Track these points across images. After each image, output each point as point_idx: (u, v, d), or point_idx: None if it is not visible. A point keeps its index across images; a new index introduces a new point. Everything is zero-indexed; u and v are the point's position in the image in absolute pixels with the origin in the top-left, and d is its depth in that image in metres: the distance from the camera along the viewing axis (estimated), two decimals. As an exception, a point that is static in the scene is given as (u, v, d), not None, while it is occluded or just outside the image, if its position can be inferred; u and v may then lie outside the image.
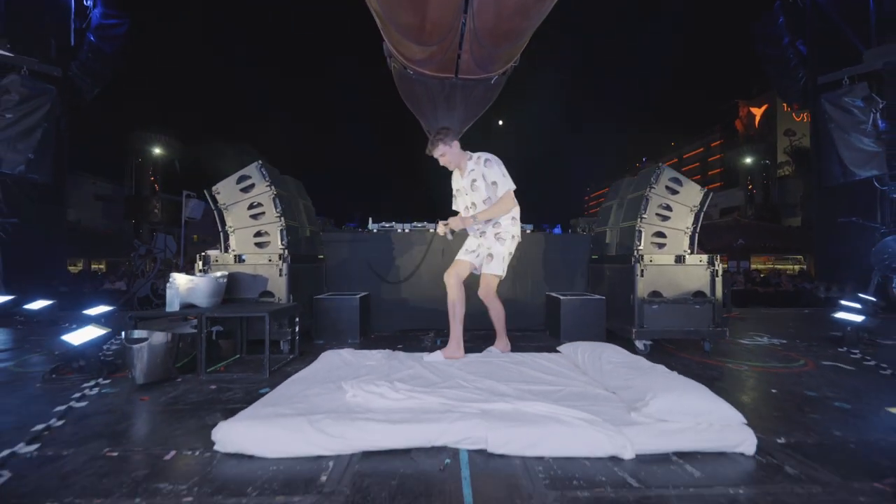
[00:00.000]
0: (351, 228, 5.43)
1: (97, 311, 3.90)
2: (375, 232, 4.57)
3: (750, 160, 26.12)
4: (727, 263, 16.97)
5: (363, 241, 4.47)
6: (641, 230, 3.35)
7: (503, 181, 2.80)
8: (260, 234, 3.42)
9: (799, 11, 8.72)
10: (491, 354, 2.88)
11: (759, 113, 29.84)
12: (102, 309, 4.00)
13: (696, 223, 3.42)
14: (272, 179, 3.41)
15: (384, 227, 4.63)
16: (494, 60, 5.63)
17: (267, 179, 3.38)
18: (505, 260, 2.89)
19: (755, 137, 28.27)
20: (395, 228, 4.57)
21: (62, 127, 7.44)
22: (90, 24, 8.27)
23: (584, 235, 4.69)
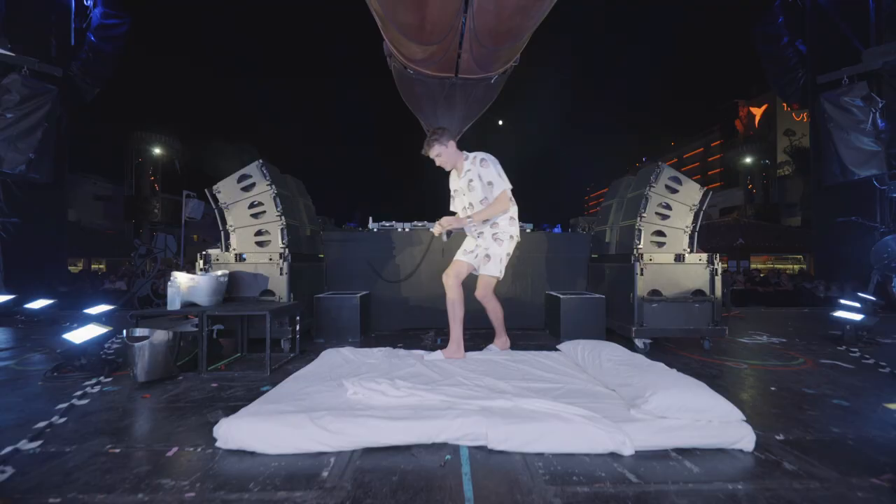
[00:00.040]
0: (351, 228, 5.44)
1: (98, 310, 3.91)
2: (376, 231, 4.57)
3: (750, 160, 26.10)
4: (727, 263, 16.99)
5: (363, 240, 4.48)
6: (641, 229, 3.36)
7: (499, 181, 2.76)
8: (260, 233, 3.43)
9: (798, 11, 8.74)
10: (491, 352, 2.89)
11: (758, 113, 29.84)
12: (103, 308, 4.01)
13: (695, 222, 3.42)
14: (273, 178, 3.42)
15: (384, 226, 4.63)
16: (494, 60, 5.64)
17: (267, 178, 3.39)
18: (502, 261, 2.86)
19: (755, 137, 28.25)
20: (395, 228, 4.58)
21: (63, 127, 7.45)
22: (90, 23, 8.30)
23: (583, 234, 4.70)
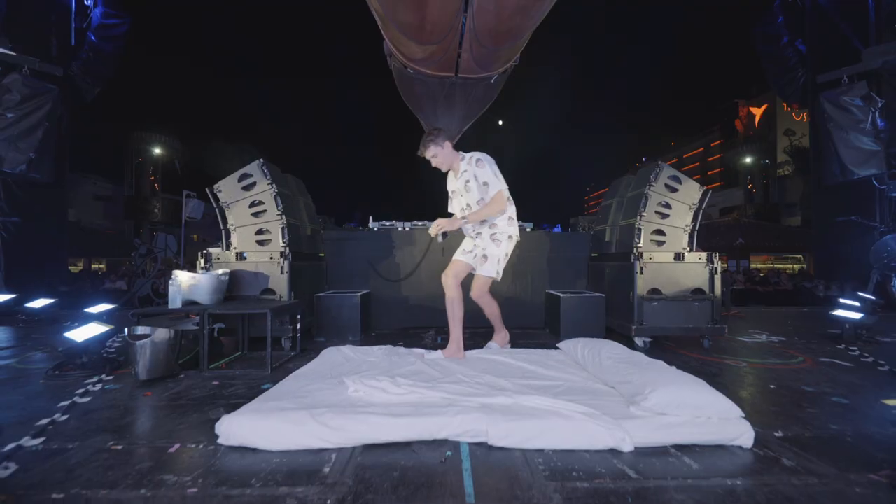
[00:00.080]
0: (351, 228, 5.45)
1: (99, 309, 3.93)
2: (376, 230, 4.57)
3: (750, 160, 26.12)
4: (727, 263, 17.00)
5: (364, 239, 4.49)
6: (641, 228, 3.37)
7: (494, 181, 2.73)
8: (261, 231, 3.44)
9: (798, 11, 8.75)
10: (491, 350, 2.90)
11: (758, 113, 29.85)
12: (104, 307, 4.03)
13: (695, 221, 3.43)
14: (273, 177, 3.43)
15: (384, 225, 4.64)
16: (494, 59, 5.65)
17: (268, 177, 3.39)
18: (500, 262, 2.82)
19: (755, 137, 28.27)
20: (395, 227, 4.58)
21: (63, 126, 7.45)
22: (91, 23, 8.30)
23: (584, 234, 4.70)
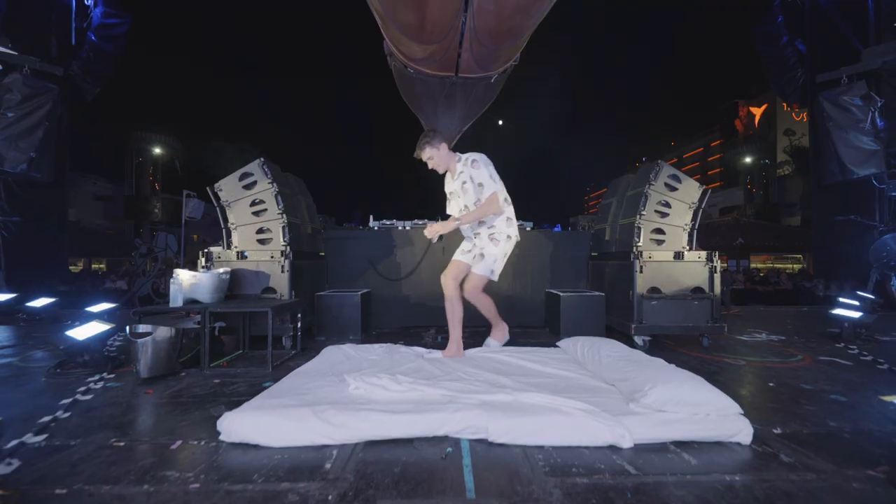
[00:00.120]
0: (351, 227, 5.45)
1: (100, 308, 3.94)
2: (376, 230, 4.59)
3: (749, 160, 26.14)
4: (727, 262, 17.01)
5: (364, 238, 4.49)
6: (640, 227, 3.38)
7: (489, 183, 2.69)
8: (262, 230, 3.44)
9: (798, 10, 8.76)
10: (490, 347, 2.90)
11: (758, 112, 29.86)
12: (105, 306, 4.03)
13: (694, 220, 3.44)
14: (274, 176, 3.44)
15: (385, 224, 4.65)
16: (494, 59, 5.66)
17: (269, 176, 3.40)
18: (497, 261, 2.78)
19: (755, 137, 28.30)
20: (395, 226, 4.59)
21: (64, 126, 7.46)
22: (91, 23, 8.31)
23: (584, 232, 4.72)
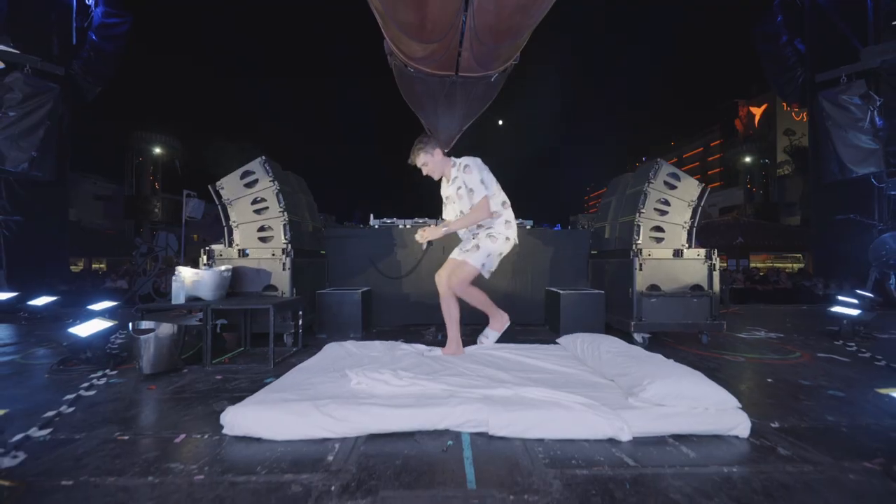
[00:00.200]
0: (352, 225, 5.46)
1: (101, 306, 3.94)
2: (377, 228, 4.60)
3: (749, 159, 26.18)
4: (727, 262, 17.02)
5: (365, 236, 4.51)
6: (640, 225, 3.39)
7: (479, 188, 2.68)
8: (263, 228, 3.46)
9: (797, 10, 8.76)
10: (488, 339, 2.91)
11: (758, 112, 29.86)
12: (107, 304, 4.04)
13: (693, 218, 3.45)
14: (275, 175, 3.45)
15: (385, 223, 4.66)
16: (494, 58, 5.66)
17: (270, 175, 3.42)
18: (491, 256, 2.75)
19: (755, 137, 28.32)
20: (395, 224, 4.60)
21: (65, 125, 7.47)
22: (92, 22, 8.31)
23: (583, 231, 4.73)
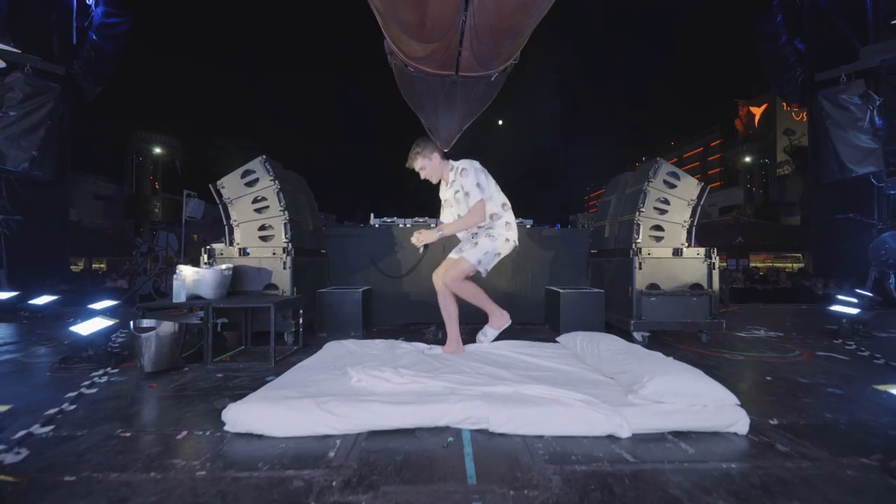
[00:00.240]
0: (353, 224, 5.47)
1: (102, 305, 3.95)
2: (377, 227, 4.61)
3: (749, 159, 26.20)
4: (727, 261, 17.04)
5: (365, 235, 4.52)
6: (639, 223, 3.40)
7: (475, 192, 2.68)
8: (264, 227, 3.47)
9: (797, 9, 8.76)
10: (487, 335, 2.91)
11: (758, 112, 29.86)
12: (108, 303, 4.05)
13: (693, 217, 3.46)
14: (276, 174, 3.46)
15: (385, 222, 4.66)
16: (495, 57, 5.67)
17: (271, 174, 3.42)
18: (489, 254, 2.73)
19: (755, 137, 28.34)
20: (396, 223, 4.61)
21: (65, 125, 7.48)
22: (92, 22, 8.30)
23: (583, 230, 4.73)
